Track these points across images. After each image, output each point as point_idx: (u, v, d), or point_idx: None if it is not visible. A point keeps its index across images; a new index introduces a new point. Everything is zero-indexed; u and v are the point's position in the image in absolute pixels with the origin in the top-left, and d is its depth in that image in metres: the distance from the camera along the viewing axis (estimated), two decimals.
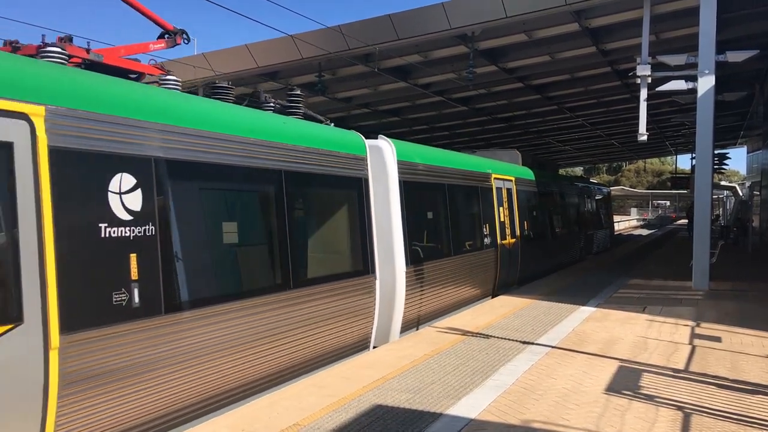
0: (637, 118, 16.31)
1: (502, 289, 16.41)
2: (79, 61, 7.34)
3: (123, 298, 5.88)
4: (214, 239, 7.38)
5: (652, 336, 10.20)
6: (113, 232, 5.84)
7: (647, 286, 16.27)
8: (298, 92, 10.21)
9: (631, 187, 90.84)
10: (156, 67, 8.46)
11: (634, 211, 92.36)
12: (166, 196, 6.45)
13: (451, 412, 6.53)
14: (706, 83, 15.00)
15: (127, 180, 6.03)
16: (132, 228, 6.01)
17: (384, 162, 11.10)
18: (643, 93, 16.04)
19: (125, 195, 6.01)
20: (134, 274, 5.97)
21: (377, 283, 10.26)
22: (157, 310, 6.20)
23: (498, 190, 16.72)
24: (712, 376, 7.88)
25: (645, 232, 55.85)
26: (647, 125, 16.40)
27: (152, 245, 6.20)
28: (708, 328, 10.82)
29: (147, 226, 6.16)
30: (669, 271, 19.24)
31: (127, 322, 5.88)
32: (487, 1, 16.31)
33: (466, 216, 14.94)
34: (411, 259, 11.54)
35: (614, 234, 36.82)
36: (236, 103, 8.81)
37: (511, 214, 17.53)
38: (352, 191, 9.98)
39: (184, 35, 9.37)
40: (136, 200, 6.09)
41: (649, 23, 15.85)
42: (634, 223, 77.99)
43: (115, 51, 8.26)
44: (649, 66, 15.70)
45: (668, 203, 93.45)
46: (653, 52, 15.92)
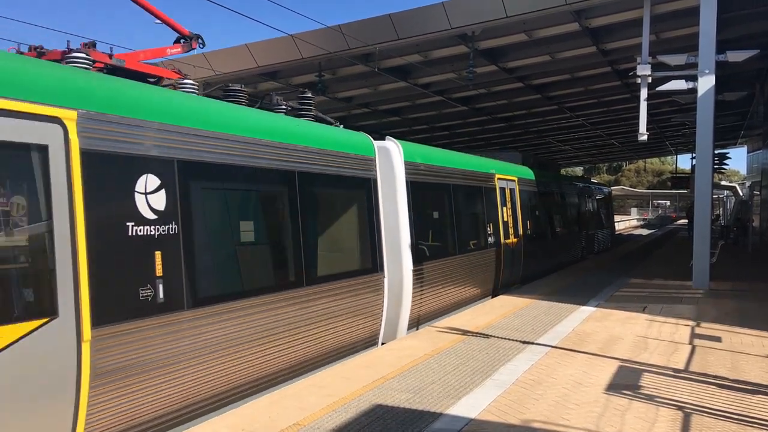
0: (637, 117, 16.32)
1: (505, 287, 16.51)
2: (102, 66, 7.52)
3: (149, 293, 6.16)
4: (232, 238, 7.76)
5: (653, 336, 10.20)
6: (139, 230, 6.14)
7: (647, 285, 16.27)
8: (309, 95, 10.43)
9: (631, 187, 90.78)
10: (174, 71, 8.67)
11: (634, 210, 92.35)
12: (188, 196, 6.75)
13: (451, 412, 6.53)
14: (706, 83, 15.01)
15: (152, 181, 6.32)
16: (157, 227, 6.31)
17: (392, 163, 11.30)
18: (644, 93, 16.06)
19: (150, 195, 6.29)
20: (159, 270, 6.27)
21: (385, 280, 10.54)
22: (180, 306, 6.50)
23: (501, 190, 16.83)
24: (712, 376, 7.88)
25: (645, 232, 55.82)
26: (647, 125, 16.42)
27: (175, 243, 6.49)
28: (708, 328, 10.82)
29: (170, 225, 6.47)
30: (669, 271, 19.24)
31: (152, 316, 6.19)
32: (488, 1, 16.31)
33: (471, 215, 15.09)
34: (418, 257, 11.75)
35: (615, 234, 36.83)
36: (249, 105, 9.02)
37: (514, 213, 17.61)
38: (362, 191, 10.27)
39: (200, 40, 9.61)
40: (160, 200, 6.39)
41: (649, 23, 15.86)
42: (635, 222, 77.93)
43: (135, 56, 8.48)
44: (650, 66, 15.71)
45: (668, 203, 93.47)
46: (653, 52, 15.92)
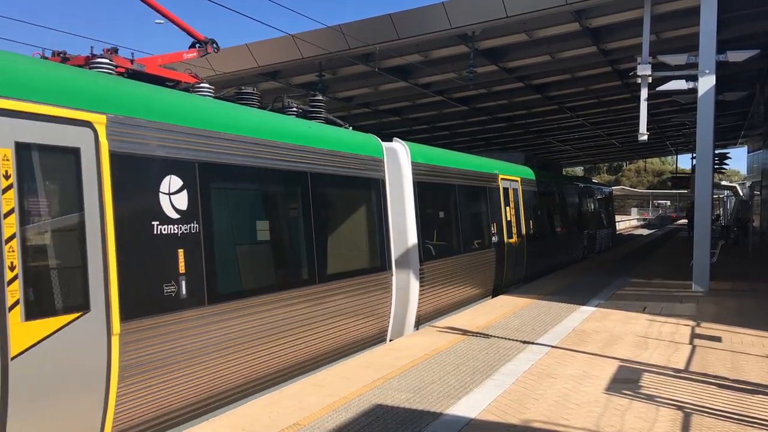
0: (638, 117, 16.32)
1: (508, 286, 16.67)
2: (123, 70, 7.64)
3: (173, 289, 6.46)
4: (249, 236, 8.09)
5: (653, 335, 10.20)
6: (164, 229, 6.42)
7: (648, 285, 16.26)
8: (320, 98, 10.67)
9: (631, 187, 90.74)
10: (191, 76, 8.81)
11: (634, 210, 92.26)
12: (208, 197, 7.01)
13: (451, 412, 6.53)
14: (706, 83, 15.00)
15: (175, 182, 6.59)
16: (179, 225, 6.60)
17: (399, 163, 11.60)
18: (644, 93, 16.06)
19: (173, 195, 6.57)
20: (182, 267, 6.56)
21: (394, 278, 10.81)
22: (201, 301, 6.77)
23: (504, 190, 17.00)
24: (712, 376, 7.87)
25: (645, 232, 55.77)
26: (648, 125, 16.42)
27: (196, 241, 6.77)
28: (708, 328, 10.82)
29: (192, 224, 6.75)
30: (669, 271, 19.24)
31: (176, 311, 6.47)
32: (488, 1, 16.30)
33: (475, 215, 15.28)
34: (424, 256, 11.99)
35: (616, 233, 36.84)
36: (261, 107, 9.20)
37: (517, 213, 17.76)
38: (371, 191, 10.57)
39: (214, 44, 9.77)
40: (182, 200, 6.67)
41: (649, 23, 15.85)
42: (635, 223, 77.84)
43: (153, 60, 8.68)
44: (650, 66, 15.71)
45: (669, 203, 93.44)
46: (654, 52, 15.92)
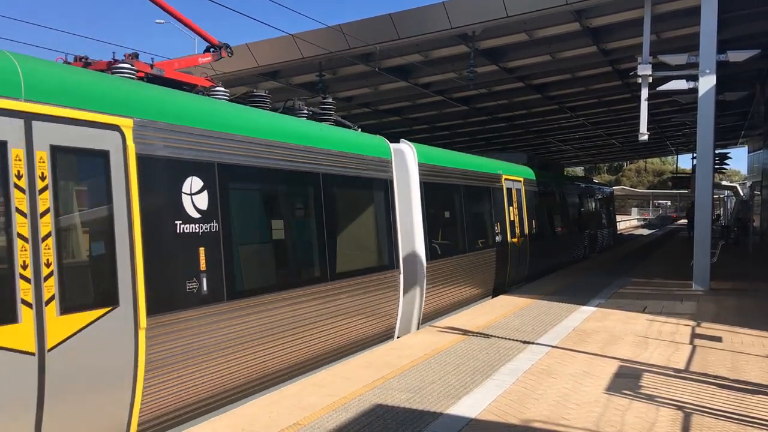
0: (638, 117, 16.33)
1: (511, 285, 16.81)
2: (143, 75, 7.76)
3: (194, 286, 6.75)
4: (265, 235, 8.36)
5: (653, 335, 10.19)
6: (186, 228, 6.71)
7: (648, 285, 16.26)
8: (330, 100, 10.89)
9: (631, 187, 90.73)
10: (206, 79, 8.94)
11: (634, 210, 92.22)
12: (227, 197, 7.28)
13: (452, 412, 6.53)
14: (707, 83, 15.00)
15: (196, 182, 6.88)
16: (200, 225, 6.89)
17: (406, 164, 11.86)
18: (644, 93, 16.06)
19: (195, 196, 6.86)
20: (203, 265, 6.85)
21: (401, 277, 11.06)
22: (220, 297, 7.05)
23: (508, 190, 17.17)
24: (712, 376, 7.87)
25: (646, 232, 55.76)
26: (648, 125, 16.43)
27: (216, 240, 7.06)
28: (708, 328, 10.82)
29: (212, 223, 7.03)
30: (670, 271, 19.24)
31: (197, 307, 6.77)
32: (488, 1, 16.29)
33: (480, 215, 15.46)
34: (430, 255, 12.21)
35: (617, 233, 36.85)
36: (272, 110, 9.35)
37: (520, 213, 17.91)
38: (380, 192, 10.85)
39: (228, 49, 9.92)
40: (203, 200, 6.96)
41: (649, 23, 15.84)
42: (635, 222, 77.81)
43: (170, 64, 8.86)
44: (650, 65, 15.70)
45: (669, 203, 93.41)
46: (654, 52, 15.91)
